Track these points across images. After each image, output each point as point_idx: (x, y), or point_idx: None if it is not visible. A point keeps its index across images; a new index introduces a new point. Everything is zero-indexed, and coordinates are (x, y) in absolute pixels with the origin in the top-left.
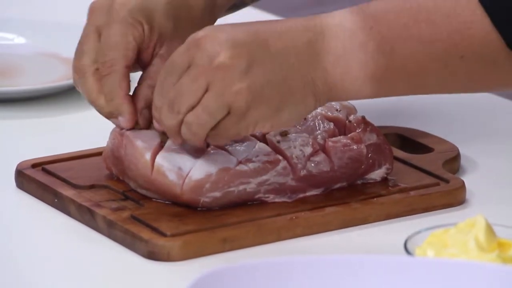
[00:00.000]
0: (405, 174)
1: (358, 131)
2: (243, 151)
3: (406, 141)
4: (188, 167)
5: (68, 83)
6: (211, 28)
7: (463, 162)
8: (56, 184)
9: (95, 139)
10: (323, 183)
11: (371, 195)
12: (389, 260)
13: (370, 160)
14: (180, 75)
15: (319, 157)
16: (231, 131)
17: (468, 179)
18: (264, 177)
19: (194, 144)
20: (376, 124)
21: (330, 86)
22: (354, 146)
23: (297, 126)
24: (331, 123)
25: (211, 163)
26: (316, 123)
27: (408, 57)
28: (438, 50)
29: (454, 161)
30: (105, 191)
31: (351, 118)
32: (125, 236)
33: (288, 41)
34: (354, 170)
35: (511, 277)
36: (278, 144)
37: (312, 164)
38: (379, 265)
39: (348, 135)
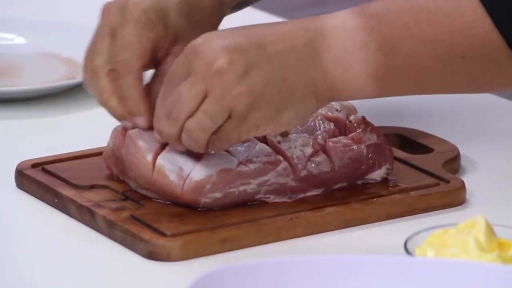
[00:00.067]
0: (405, 175)
1: (358, 131)
2: (244, 152)
3: (406, 141)
4: (189, 168)
5: (68, 83)
6: (209, 35)
7: (463, 162)
8: (56, 184)
9: (95, 139)
10: (324, 184)
11: (371, 195)
12: (389, 260)
13: (370, 161)
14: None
15: (320, 157)
16: (232, 135)
17: (468, 179)
18: (264, 177)
19: (196, 151)
20: (376, 124)
21: (331, 86)
22: (355, 147)
23: (297, 127)
24: (332, 123)
25: (212, 164)
26: (317, 124)
27: (409, 57)
28: (439, 50)
29: (454, 161)
30: (105, 191)
31: (352, 118)
32: (125, 236)
33: (287, 42)
34: (354, 171)
35: (511, 277)
36: (278, 145)
37: (313, 165)
38: (379, 265)
39: (349, 136)
